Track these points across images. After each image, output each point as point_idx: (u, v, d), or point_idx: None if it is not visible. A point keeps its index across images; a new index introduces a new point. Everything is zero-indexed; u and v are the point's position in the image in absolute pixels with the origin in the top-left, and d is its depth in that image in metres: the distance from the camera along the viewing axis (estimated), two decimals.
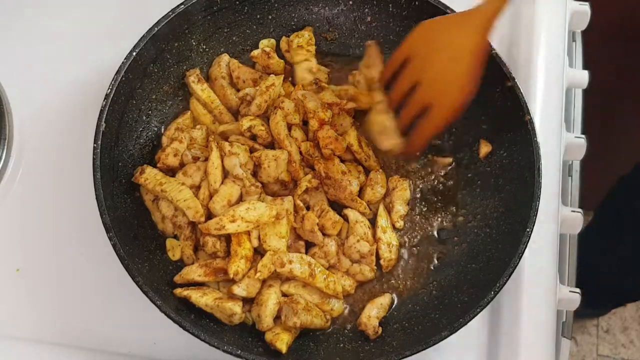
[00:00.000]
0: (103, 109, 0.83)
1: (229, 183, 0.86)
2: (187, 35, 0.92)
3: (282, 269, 0.82)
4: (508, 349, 0.87)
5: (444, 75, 0.83)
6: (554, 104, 0.96)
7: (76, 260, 0.89)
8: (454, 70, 0.82)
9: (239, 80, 0.94)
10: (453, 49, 0.82)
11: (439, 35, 0.84)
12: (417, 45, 0.85)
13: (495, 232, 0.88)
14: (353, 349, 0.84)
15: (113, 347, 0.86)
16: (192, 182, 0.87)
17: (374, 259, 0.87)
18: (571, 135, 0.97)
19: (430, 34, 0.85)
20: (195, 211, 0.84)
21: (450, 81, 0.82)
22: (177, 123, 0.92)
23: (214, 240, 0.83)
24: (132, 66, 0.85)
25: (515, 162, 0.89)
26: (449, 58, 0.82)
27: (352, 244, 0.87)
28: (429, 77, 0.83)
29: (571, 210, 0.94)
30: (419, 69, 0.84)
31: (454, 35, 0.83)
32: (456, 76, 0.82)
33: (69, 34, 1.00)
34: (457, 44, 0.82)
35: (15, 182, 0.93)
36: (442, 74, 0.83)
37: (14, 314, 0.88)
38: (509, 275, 0.80)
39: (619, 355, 1.88)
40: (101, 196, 0.80)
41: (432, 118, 0.83)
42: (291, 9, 0.97)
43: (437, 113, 0.83)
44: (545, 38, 0.99)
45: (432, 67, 0.83)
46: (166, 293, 0.81)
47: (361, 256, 0.87)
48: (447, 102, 0.83)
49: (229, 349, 0.75)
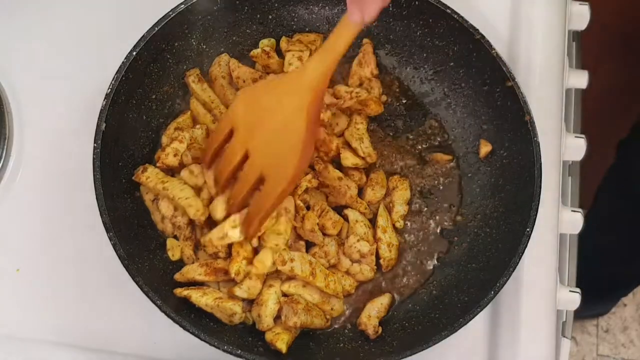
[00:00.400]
0: (103, 109, 0.83)
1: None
2: (187, 35, 0.92)
3: (284, 266, 0.82)
4: (508, 349, 0.87)
5: (275, 141, 0.74)
6: (554, 104, 0.96)
7: (76, 260, 0.89)
8: (285, 133, 0.74)
9: (239, 80, 0.94)
10: (282, 109, 0.74)
11: (265, 98, 0.75)
12: (241, 113, 0.77)
13: (495, 232, 0.88)
14: (353, 348, 0.84)
15: (113, 347, 0.86)
16: (196, 182, 0.87)
17: (374, 259, 0.87)
18: (571, 135, 0.97)
19: (254, 98, 0.77)
20: (196, 209, 0.84)
21: (282, 146, 0.74)
22: (177, 123, 0.92)
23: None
24: (132, 66, 0.85)
25: (515, 162, 0.89)
26: (278, 120, 0.74)
27: (352, 243, 0.87)
28: (258, 145, 0.75)
29: (571, 210, 0.94)
30: (246, 138, 0.76)
31: (281, 94, 0.75)
32: (289, 140, 0.74)
33: (69, 33, 0.99)
34: (285, 104, 0.74)
35: (15, 182, 0.93)
36: (272, 139, 0.74)
37: (14, 314, 0.88)
38: (509, 275, 0.80)
39: (619, 355, 1.88)
40: (101, 196, 0.80)
41: (268, 191, 0.75)
42: (291, 8, 0.97)
43: (273, 185, 0.75)
44: (545, 38, 0.99)
45: (261, 133, 0.75)
46: (166, 293, 0.81)
47: (361, 256, 0.87)
48: (282, 171, 0.74)
49: (229, 348, 0.76)
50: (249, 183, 0.77)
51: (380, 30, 0.96)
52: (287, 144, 0.74)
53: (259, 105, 0.75)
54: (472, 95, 0.94)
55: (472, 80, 0.93)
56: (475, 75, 0.92)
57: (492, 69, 0.89)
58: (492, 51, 0.88)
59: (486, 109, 0.92)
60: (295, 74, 0.77)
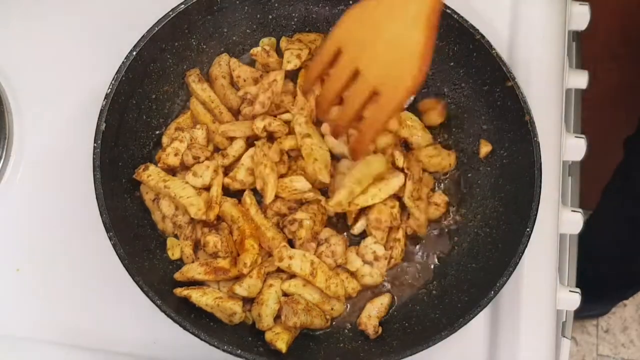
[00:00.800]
0: (103, 109, 0.83)
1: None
2: (187, 35, 0.92)
3: (281, 262, 0.82)
4: (508, 349, 0.87)
5: (390, 52, 0.71)
6: (554, 104, 0.96)
7: (76, 260, 0.89)
8: (402, 43, 0.71)
9: (239, 80, 0.94)
10: (399, 18, 0.71)
11: (377, 10, 0.72)
12: (350, 30, 0.74)
13: (495, 232, 0.88)
14: (353, 348, 0.84)
15: (113, 346, 0.86)
16: (203, 182, 0.86)
17: (385, 264, 0.87)
18: (571, 135, 0.97)
19: (364, 13, 0.73)
20: (197, 208, 0.84)
21: (399, 57, 0.71)
22: (177, 123, 0.92)
23: (215, 240, 0.83)
24: (132, 66, 0.85)
25: (515, 162, 0.89)
26: (394, 31, 0.71)
27: (369, 244, 0.87)
28: (371, 60, 0.72)
29: (571, 210, 0.94)
30: (356, 55, 0.73)
31: (396, 3, 0.71)
32: (406, 50, 0.71)
33: (69, 33, 0.99)
34: (402, 12, 0.71)
35: (15, 182, 0.93)
36: (387, 51, 0.71)
37: (14, 314, 0.88)
38: (509, 275, 0.80)
39: (619, 355, 1.88)
40: (101, 196, 0.80)
41: (383, 104, 0.73)
42: (291, 8, 0.97)
43: (390, 97, 0.72)
44: (545, 38, 0.99)
45: (374, 47, 0.72)
46: (166, 292, 0.81)
47: (375, 258, 0.87)
48: (399, 83, 0.72)
49: (229, 348, 0.76)
50: (361, 99, 0.74)
51: None
52: (404, 55, 0.71)
53: (371, 19, 0.72)
54: (472, 95, 0.94)
55: (472, 80, 0.93)
56: (475, 75, 0.92)
57: (492, 69, 0.89)
58: (492, 51, 0.88)
59: (486, 109, 0.92)
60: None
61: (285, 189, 0.86)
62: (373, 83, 0.73)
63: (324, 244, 0.86)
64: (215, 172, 0.87)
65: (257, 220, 0.86)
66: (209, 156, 0.89)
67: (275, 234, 0.86)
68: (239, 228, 0.85)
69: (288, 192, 0.86)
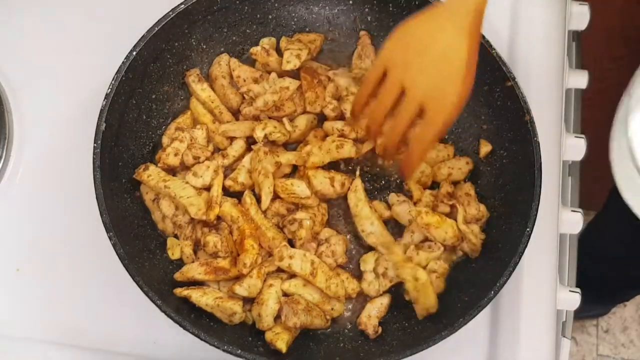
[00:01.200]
0: (103, 109, 0.83)
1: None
2: (187, 35, 0.92)
3: (281, 262, 0.82)
4: (508, 349, 0.87)
5: (435, 69, 0.72)
6: (554, 104, 0.96)
7: (76, 260, 0.89)
8: (446, 59, 0.72)
9: (239, 79, 0.94)
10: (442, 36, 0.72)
11: (421, 28, 0.74)
12: (396, 50, 0.75)
13: (495, 232, 0.88)
14: (353, 348, 0.84)
15: (113, 346, 0.86)
16: (203, 183, 0.86)
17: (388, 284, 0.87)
18: (571, 135, 0.97)
19: (408, 32, 0.75)
20: (197, 208, 0.84)
21: (444, 74, 0.72)
22: (177, 123, 0.92)
23: (215, 240, 0.83)
24: (132, 66, 0.85)
25: (515, 162, 0.89)
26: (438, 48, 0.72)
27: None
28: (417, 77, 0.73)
29: (571, 210, 0.94)
30: (402, 74, 0.74)
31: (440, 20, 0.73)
32: (450, 66, 0.72)
33: (69, 33, 1.00)
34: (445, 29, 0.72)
35: (15, 182, 0.93)
36: (432, 67, 0.72)
37: (14, 314, 0.88)
38: (509, 275, 0.80)
39: (619, 355, 1.88)
40: (101, 196, 0.80)
41: (431, 120, 0.74)
42: (291, 8, 0.97)
43: (436, 113, 0.73)
44: (545, 38, 0.99)
45: (420, 64, 0.73)
46: (166, 293, 0.81)
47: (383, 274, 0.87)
48: (445, 99, 0.73)
49: (229, 348, 0.76)
50: (408, 117, 0.74)
51: (380, 31, 0.96)
52: (449, 71, 0.72)
53: (415, 37, 0.73)
54: (472, 95, 0.93)
55: None
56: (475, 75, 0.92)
57: (492, 69, 0.89)
58: (492, 51, 0.88)
59: (486, 109, 0.92)
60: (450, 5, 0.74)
61: (285, 190, 0.86)
62: (419, 100, 0.74)
63: (324, 244, 0.86)
64: (216, 172, 0.87)
65: (257, 220, 0.86)
66: (209, 156, 0.89)
67: (275, 233, 0.86)
68: (239, 228, 0.85)
69: (287, 193, 0.86)
